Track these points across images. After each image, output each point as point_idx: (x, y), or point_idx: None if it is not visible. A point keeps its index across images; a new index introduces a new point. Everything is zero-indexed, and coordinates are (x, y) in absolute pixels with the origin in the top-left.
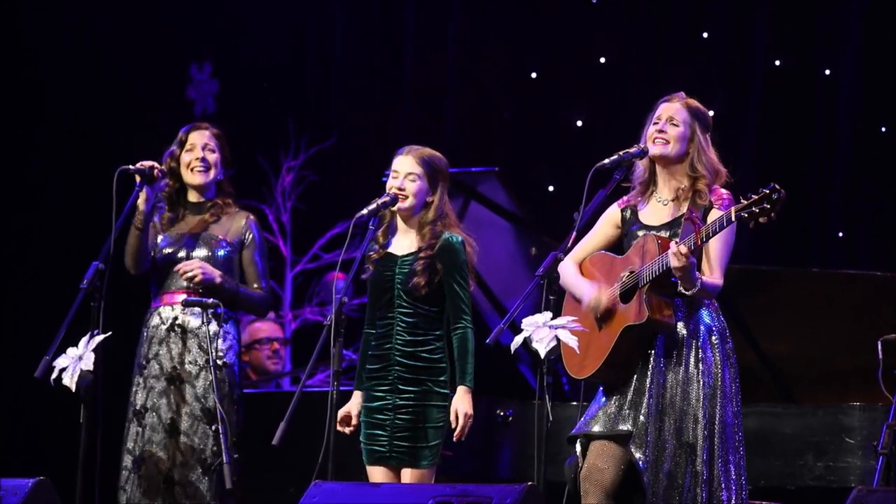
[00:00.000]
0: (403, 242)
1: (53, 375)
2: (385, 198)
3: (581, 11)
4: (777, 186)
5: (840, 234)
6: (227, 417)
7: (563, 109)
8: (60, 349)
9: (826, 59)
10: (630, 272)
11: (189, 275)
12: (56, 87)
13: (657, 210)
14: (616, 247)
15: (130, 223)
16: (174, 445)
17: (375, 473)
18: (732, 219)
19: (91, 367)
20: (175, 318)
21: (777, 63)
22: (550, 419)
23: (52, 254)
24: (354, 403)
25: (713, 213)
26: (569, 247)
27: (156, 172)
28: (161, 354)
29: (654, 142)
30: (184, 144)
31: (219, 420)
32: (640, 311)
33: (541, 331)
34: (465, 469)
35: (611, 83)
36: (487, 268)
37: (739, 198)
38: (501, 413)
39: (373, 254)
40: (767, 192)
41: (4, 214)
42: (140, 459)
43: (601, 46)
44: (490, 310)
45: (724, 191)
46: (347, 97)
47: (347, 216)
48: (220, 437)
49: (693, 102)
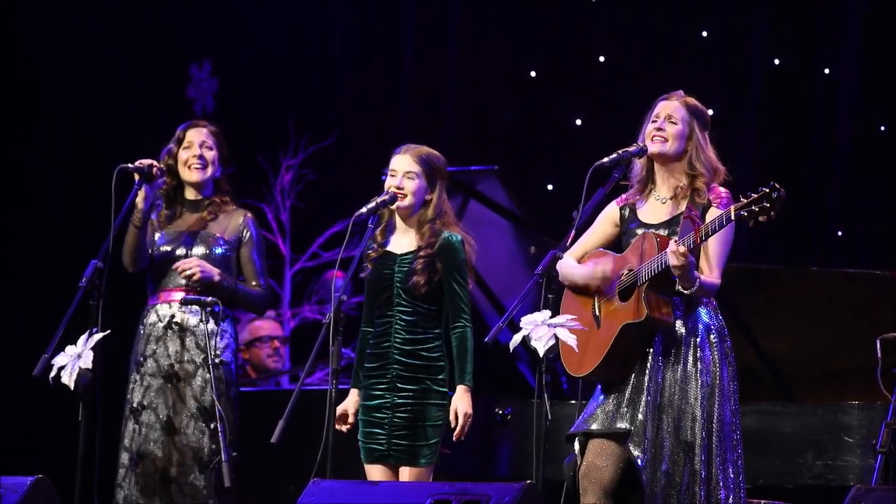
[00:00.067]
0: (402, 241)
1: (52, 374)
2: (384, 196)
3: (581, 11)
4: (777, 185)
5: (839, 234)
6: (225, 416)
7: (563, 109)
8: (59, 347)
9: (826, 59)
10: (629, 270)
11: (187, 273)
12: (56, 87)
13: (656, 208)
14: (614, 245)
15: (129, 221)
16: (171, 443)
17: (374, 472)
18: (732, 217)
19: (90, 366)
20: (172, 316)
21: (777, 62)
22: (549, 418)
23: (52, 254)
24: (351, 401)
25: (712, 212)
26: (567, 245)
27: (154, 171)
28: (158, 352)
29: (653, 140)
30: (181, 142)
31: (217, 418)
32: (639, 310)
33: (539, 329)
34: (464, 467)
35: (610, 83)
36: (486, 266)
37: (739, 196)
38: (500, 411)
39: (371, 252)
40: (767, 191)
41: (4, 214)
42: (137, 457)
43: (601, 46)
44: (489, 308)
45: (723, 189)
46: (347, 97)
47: (346, 215)
48: (220, 436)
49: (691, 100)
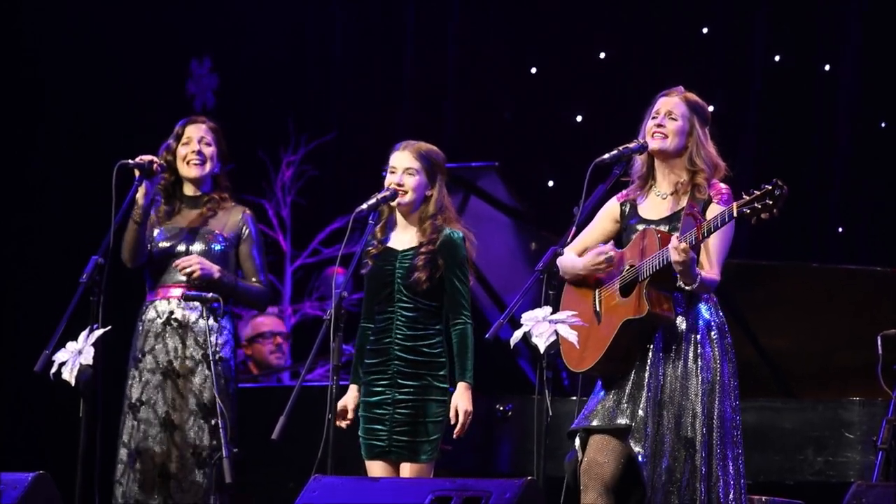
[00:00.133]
0: (403, 237)
1: (53, 370)
2: (384, 192)
3: (581, 11)
4: (779, 182)
5: (840, 230)
6: (223, 412)
7: (563, 108)
8: (60, 343)
9: (826, 59)
10: (630, 266)
11: (187, 270)
12: (56, 87)
13: (656, 204)
14: (615, 241)
15: (129, 217)
16: (170, 440)
17: (374, 468)
18: (734, 214)
19: (90, 362)
20: (171, 313)
21: (777, 59)
22: (550, 414)
23: (52, 253)
24: (351, 397)
25: (712, 208)
26: (568, 241)
27: (155, 167)
28: (157, 348)
29: (653, 136)
30: (180, 138)
31: (218, 415)
32: (640, 305)
33: (540, 325)
34: (465, 464)
35: (610, 81)
36: (487, 263)
37: (742, 193)
38: (501, 408)
39: (371, 249)
40: (770, 188)
41: (4, 214)
42: (136, 453)
43: (601, 45)
44: (490, 305)
45: (723, 185)
46: (347, 97)
47: (347, 211)
48: (220, 432)
49: (691, 96)
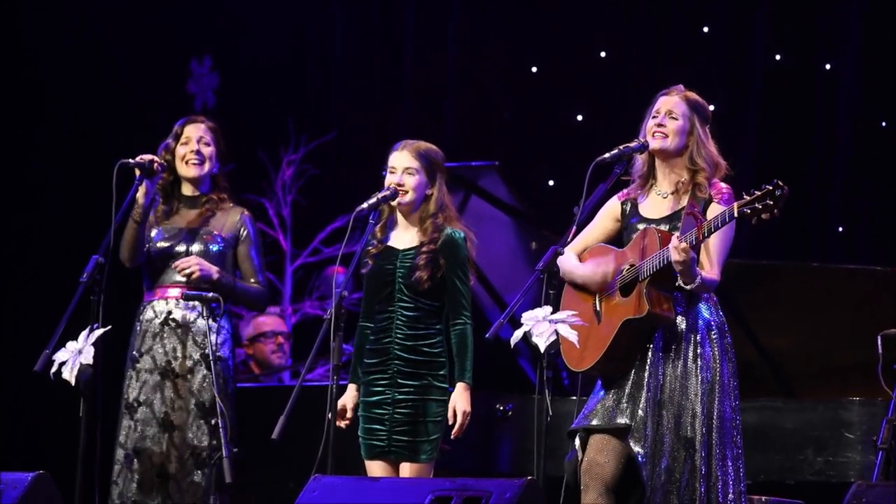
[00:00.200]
0: (404, 237)
1: (53, 369)
2: (385, 192)
3: (581, 11)
4: (780, 183)
5: (840, 230)
6: (222, 411)
7: (563, 108)
8: (60, 343)
9: (826, 59)
10: (630, 266)
11: (187, 271)
12: (56, 87)
13: (657, 203)
14: (615, 240)
15: (129, 216)
16: (168, 440)
17: (374, 468)
18: (735, 215)
19: (91, 361)
20: (169, 313)
21: (777, 59)
22: (550, 414)
23: (52, 253)
24: (350, 397)
25: (713, 207)
26: (568, 241)
27: (155, 166)
28: (155, 348)
29: (654, 136)
30: (179, 137)
31: (218, 414)
32: (640, 305)
33: (540, 325)
34: (465, 463)
35: (611, 81)
36: (487, 262)
37: (742, 193)
38: (501, 408)
39: (371, 248)
40: (770, 189)
41: (4, 214)
42: (134, 454)
43: (601, 45)
44: (490, 304)
45: (724, 185)
46: (347, 97)
47: (348, 210)
48: (220, 432)
49: (692, 95)
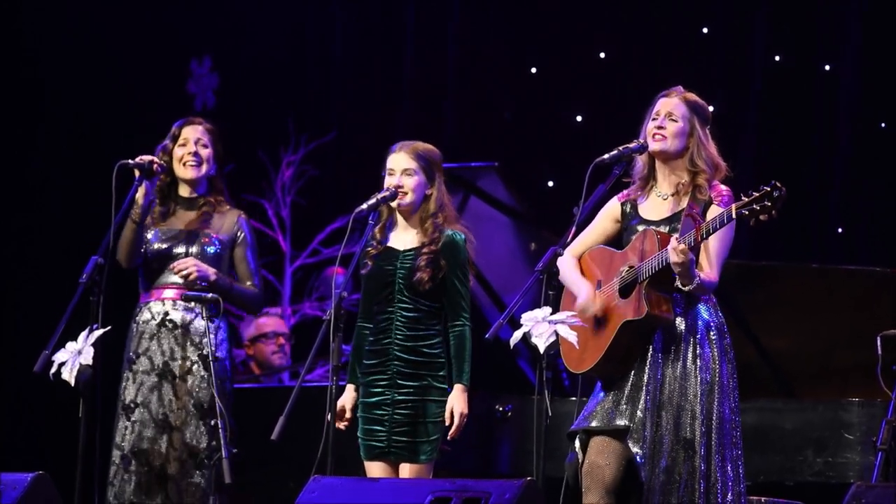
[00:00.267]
0: (405, 237)
1: (52, 370)
2: (384, 192)
3: (581, 11)
4: (778, 184)
5: (839, 230)
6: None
7: (563, 108)
8: (60, 344)
9: (826, 59)
10: (629, 267)
11: (184, 272)
12: (56, 87)
13: (657, 205)
14: (615, 241)
15: (127, 217)
16: (167, 441)
17: (373, 468)
18: (733, 216)
19: (90, 362)
20: (166, 314)
21: (777, 59)
22: (550, 415)
23: (52, 253)
24: (348, 397)
25: (712, 209)
26: (568, 241)
27: (155, 167)
28: (152, 350)
29: (653, 138)
30: (177, 139)
31: (218, 415)
32: (640, 307)
33: (540, 326)
34: (464, 464)
35: (610, 81)
36: (487, 263)
37: (740, 195)
38: (500, 408)
39: (370, 249)
40: (768, 190)
41: (4, 214)
42: (131, 455)
43: (601, 45)
44: (489, 305)
45: (724, 187)
46: (347, 97)
47: (347, 211)
48: (220, 432)
49: (691, 96)
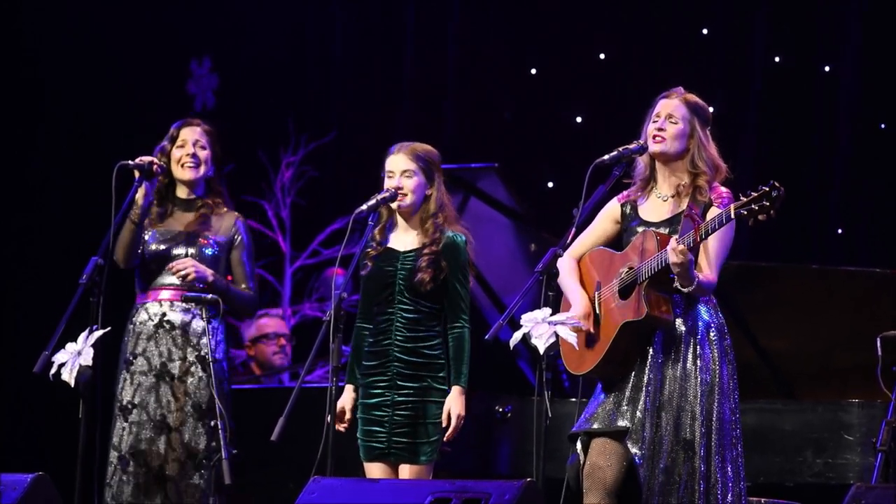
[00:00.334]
0: (405, 239)
1: (52, 371)
2: (384, 193)
3: (581, 11)
4: (776, 184)
5: (839, 231)
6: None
7: (563, 109)
8: (59, 344)
9: (826, 59)
10: (629, 268)
11: (182, 273)
12: (56, 87)
13: (657, 206)
14: (615, 242)
15: (126, 217)
16: (165, 442)
17: (373, 470)
18: (731, 216)
19: (90, 363)
20: (164, 315)
21: (777, 59)
22: (549, 416)
23: (52, 253)
24: (347, 398)
25: (712, 210)
26: (568, 243)
27: (154, 168)
28: (149, 350)
29: (654, 140)
30: (175, 140)
31: (218, 416)
32: (639, 308)
33: (540, 327)
34: (464, 465)
35: (610, 82)
36: (487, 264)
37: (739, 195)
38: (500, 409)
39: (370, 250)
40: (767, 190)
41: (4, 214)
42: (129, 456)
43: (601, 45)
44: (489, 306)
45: (724, 188)
46: (347, 97)
47: (347, 212)
48: (220, 433)
49: (692, 97)
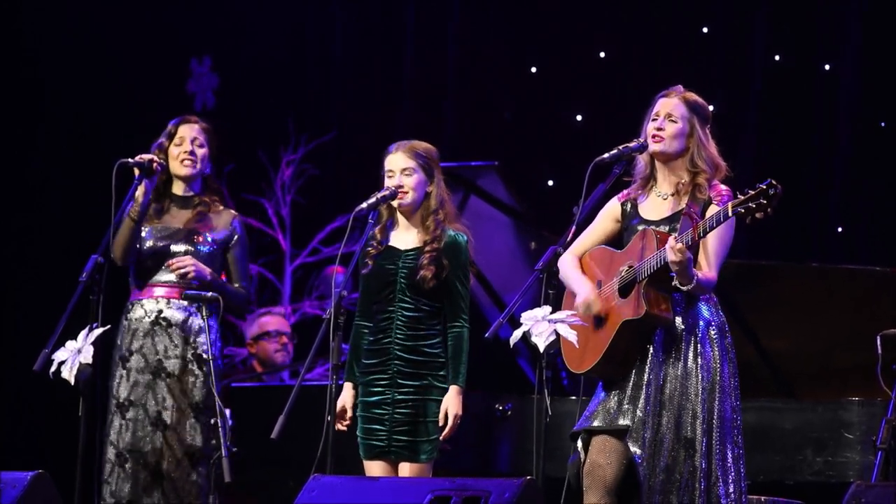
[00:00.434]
0: (406, 237)
1: (52, 369)
2: (384, 192)
3: (581, 11)
4: (774, 182)
5: (839, 230)
6: (214, 411)
7: (563, 108)
8: (59, 343)
9: (826, 59)
10: (629, 267)
11: (182, 271)
12: (56, 87)
13: (657, 204)
14: (616, 241)
15: (126, 214)
16: (163, 440)
17: (373, 468)
18: (729, 214)
19: (90, 361)
20: (160, 312)
21: (777, 59)
22: (549, 414)
23: (52, 253)
24: (347, 396)
25: (712, 209)
26: (568, 241)
27: (154, 166)
28: (146, 347)
29: (653, 139)
30: (172, 136)
31: (217, 413)
32: (638, 306)
33: (540, 325)
34: (464, 463)
35: (610, 82)
36: (487, 262)
37: (737, 194)
38: (500, 407)
39: (370, 249)
40: (764, 188)
41: (4, 214)
42: (126, 454)
43: (601, 45)
44: (489, 304)
45: (724, 187)
46: (347, 97)
47: (347, 210)
48: (220, 431)
49: (691, 96)
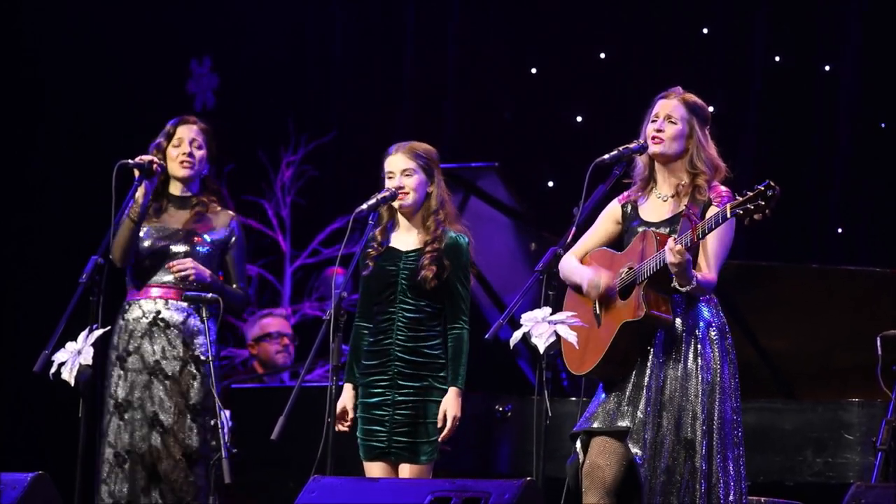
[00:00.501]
0: (407, 238)
1: (52, 370)
2: (385, 193)
3: (581, 11)
4: (772, 183)
5: (839, 231)
6: (213, 412)
7: (563, 108)
8: (59, 344)
9: (826, 59)
10: (629, 268)
11: (182, 274)
12: (56, 87)
13: (657, 206)
14: (616, 243)
15: (125, 215)
16: (160, 440)
17: (373, 469)
18: (728, 215)
19: (90, 362)
20: (158, 312)
21: (777, 59)
22: (549, 415)
23: (52, 253)
24: (348, 397)
25: (711, 210)
26: (568, 242)
27: (154, 167)
28: (143, 348)
29: (652, 141)
30: (171, 137)
31: (218, 415)
32: (638, 308)
33: (540, 326)
34: (464, 464)
35: (610, 82)
36: (487, 263)
37: (736, 195)
38: (500, 408)
39: (371, 250)
40: (762, 189)
41: (4, 214)
42: (124, 454)
43: (601, 45)
44: (489, 305)
45: (724, 188)
46: (347, 97)
47: (347, 211)
48: (220, 432)
49: (690, 97)
